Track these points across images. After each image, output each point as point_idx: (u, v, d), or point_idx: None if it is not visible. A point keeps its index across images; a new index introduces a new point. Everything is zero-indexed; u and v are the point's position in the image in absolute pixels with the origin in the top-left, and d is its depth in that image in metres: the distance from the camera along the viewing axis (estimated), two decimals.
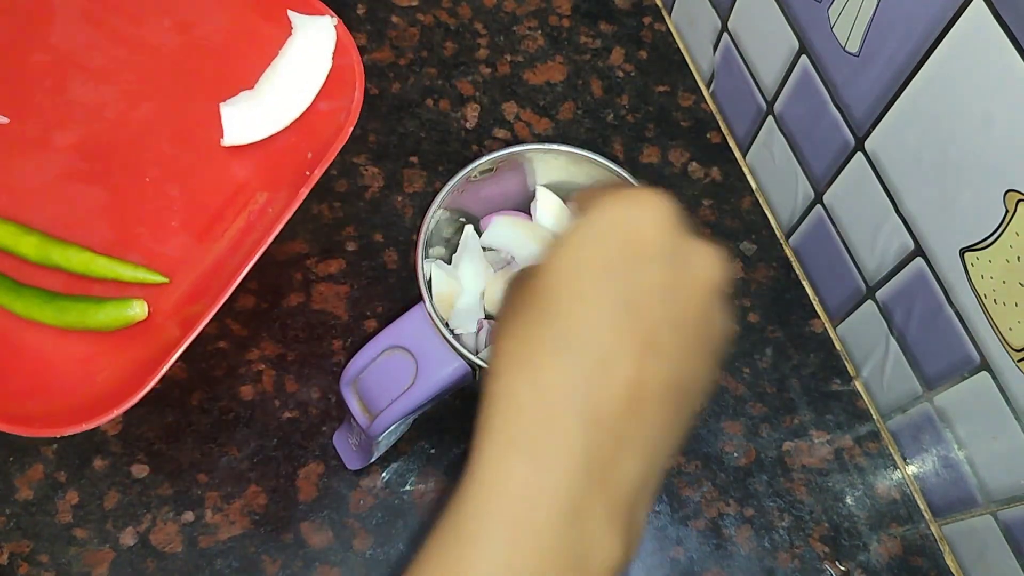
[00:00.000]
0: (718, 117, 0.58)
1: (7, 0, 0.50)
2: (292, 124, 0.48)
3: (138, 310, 0.43)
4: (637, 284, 0.25)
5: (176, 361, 0.39)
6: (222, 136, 0.49)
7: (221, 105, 0.48)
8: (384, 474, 0.46)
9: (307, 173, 0.44)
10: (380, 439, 0.40)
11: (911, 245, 0.42)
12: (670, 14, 0.61)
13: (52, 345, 0.44)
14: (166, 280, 0.45)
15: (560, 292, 0.26)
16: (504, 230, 0.43)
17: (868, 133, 0.43)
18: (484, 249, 0.44)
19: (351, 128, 0.45)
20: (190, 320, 0.40)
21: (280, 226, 0.42)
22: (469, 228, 0.43)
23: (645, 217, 0.26)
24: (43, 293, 0.44)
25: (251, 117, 0.48)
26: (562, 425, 0.24)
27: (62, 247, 0.45)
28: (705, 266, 0.27)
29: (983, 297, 0.38)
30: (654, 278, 0.25)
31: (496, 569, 0.23)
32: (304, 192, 0.43)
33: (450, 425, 0.48)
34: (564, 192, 0.45)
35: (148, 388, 0.39)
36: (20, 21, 0.51)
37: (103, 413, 0.38)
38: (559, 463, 0.23)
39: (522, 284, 0.27)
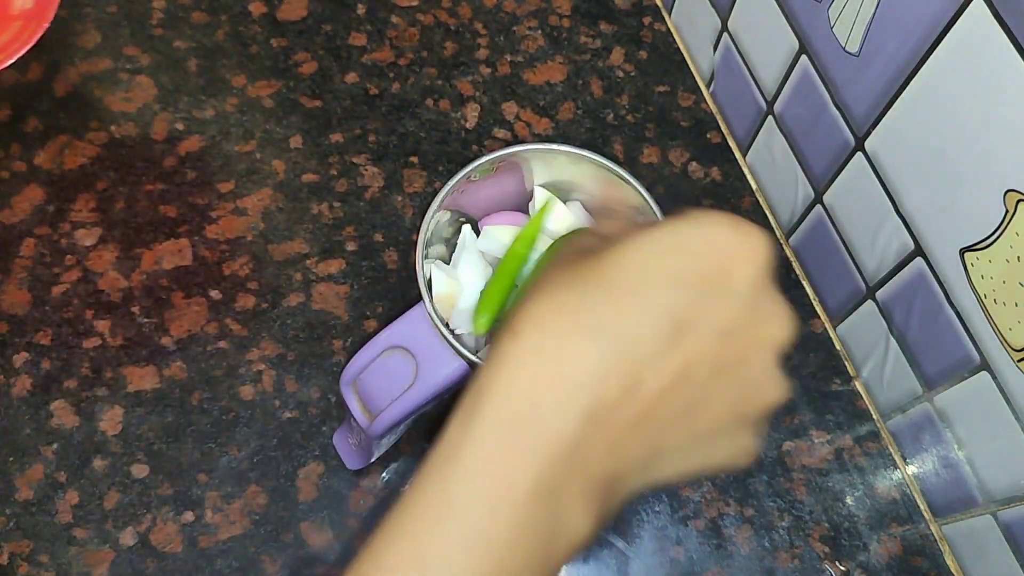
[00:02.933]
0: (718, 117, 0.58)
1: None
2: None
3: None
4: (701, 310, 0.23)
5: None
6: None
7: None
8: (384, 474, 0.46)
9: None
10: (380, 439, 0.40)
11: (911, 245, 0.42)
12: (670, 14, 0.61)
13: None
14: None
15: (620, 279, 0.24)
16: (495, 237, 0.43)
17: (868, 133, 0.43)
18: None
19: None
20: None
21: None
22: (467, 228, 0.43)
23: (743, 250, 0.24)
24: None
25: None
26: (562, 414, 0.23)
27: None
28: (777, 327, 0.25)
29: (983, 297, 0.38)
30: (721, 313, 0.24)
31: (472, 535, 0.23)
32: None
33: None
34: (564, 192, 0.45)
35: None
36: None
37: None
38: (545, 448, 0.23)
39: (581, 251, 0.25)
